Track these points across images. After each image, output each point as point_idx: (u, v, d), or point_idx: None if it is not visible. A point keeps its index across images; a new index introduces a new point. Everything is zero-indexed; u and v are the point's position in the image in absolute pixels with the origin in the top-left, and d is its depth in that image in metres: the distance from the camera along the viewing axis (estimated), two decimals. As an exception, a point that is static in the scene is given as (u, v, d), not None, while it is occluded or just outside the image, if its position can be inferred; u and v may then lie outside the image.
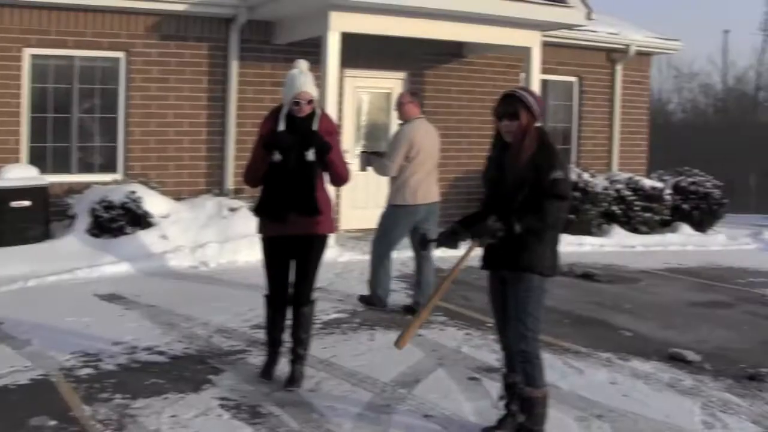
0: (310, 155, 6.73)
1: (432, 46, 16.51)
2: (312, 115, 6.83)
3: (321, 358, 7.63)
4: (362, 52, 15.77)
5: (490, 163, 5.72)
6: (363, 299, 9.83)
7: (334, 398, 6.56)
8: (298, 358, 6.96)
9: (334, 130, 7.03)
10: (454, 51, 17.02)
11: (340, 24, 13.73)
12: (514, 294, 5.60)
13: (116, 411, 6.23)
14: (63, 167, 13.93)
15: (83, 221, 12.50)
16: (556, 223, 5.47)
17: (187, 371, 7.25)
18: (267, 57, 15.31)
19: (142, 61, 14.38)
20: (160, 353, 7.77)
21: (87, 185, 13.51)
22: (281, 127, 6.79)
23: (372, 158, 10.00)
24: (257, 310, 9.32)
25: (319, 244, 6.97)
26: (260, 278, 7.20)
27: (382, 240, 9.79)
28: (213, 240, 12.67)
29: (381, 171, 9.77)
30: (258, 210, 7.00)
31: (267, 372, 7.06)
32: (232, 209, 13.42)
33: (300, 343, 6.96)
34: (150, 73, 14.43)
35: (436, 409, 6.35)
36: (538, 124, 5.55)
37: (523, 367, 5.59)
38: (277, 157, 6.72)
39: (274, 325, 7.07)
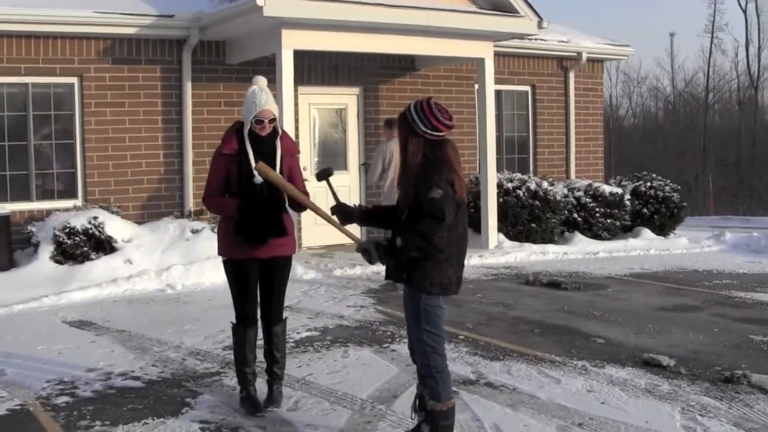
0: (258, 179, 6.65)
1: (385, 61, 16.62)
2: (275, 134, 6.73)
3: (297, 377, 7.61)
4: (315, 68, 15.81)
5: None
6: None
7: (314, 416, 6.53)
8: (275, 378, 6.91)
9: (295, 150, 6.97)
10: (407, 65, 17.13)
11: (292, 41, 13.74)
12: (407, 308, 5.60)
13: (97, 439, 6.17)
14: (22, 195, 13.81)
15: (46, 248, 12.39)
16: (444, 242, 5.36)
17: (164, 395, 7.18)
18: (220, 77, 15.31)
19: (95, 86, 14.31)
20: (136, 378, 7.69)
21: (48, 212, 13.46)
22: (248, 147, 6.63)
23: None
24: (227, 332, 9.28)
25: (287, 264, 6.92)
26: (227, 299, 7.13)
27: None
28: (178, 262, 12.60)
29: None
30: (239, 232, 6.69)
31: (255, 404, 6.79)
32: (195, 231, 13.35)
33: (276, 362, 6.89)
34: (104, 97, 14.36)
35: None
36: (431, 138, 5.49)
37: (425, 381, 5.55)
38: (258, 179, 6.55)
39: (246, 350, 6.86)
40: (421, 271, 5.41)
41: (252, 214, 6.53)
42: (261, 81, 6.78)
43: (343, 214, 5.86)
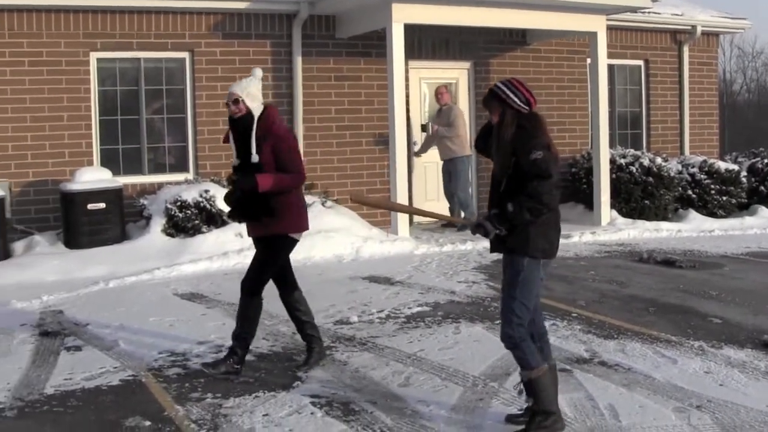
0: (254, 157, 6.86)
1: (495, 35, 16.43)
2: (249, 116, 6.89)
3: (408, 353, 7.56)
4: (426, 42, 15.71)
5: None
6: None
7: (425, 392, 6.46)
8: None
9: (277, 130, 6.97)
10: (518, 39, 16.89)
11: (402, 15, 13.66)
12: (505, 276, 5.69)
13: (209, 411, 6.20)
14: (135, 169, 14.00)
15: (158, 221, 12.54)
16: (553, 201, 5.51)
17: (275, 369, 7.21)
18: (330, 51, 15.28)
19: (206, 60, 14.42)
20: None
21: (159, 186, 13.61)
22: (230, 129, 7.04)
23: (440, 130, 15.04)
24: (339, 306, 9.40)
25: (276, 243, 7.05)
26: (337, 273, 7.13)
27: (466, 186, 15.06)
28: (288, 236, 12.62)
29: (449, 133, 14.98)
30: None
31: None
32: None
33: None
34: (215, 72, 14.45)
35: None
36: (525, 112, 5.62)
37: (513, 353, 5.63)
38: (235, 161, 6.97)
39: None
40: (524, 236, 5.52)
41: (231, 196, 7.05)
42: (254, 71, 7.12)
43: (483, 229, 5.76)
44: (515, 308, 5.54)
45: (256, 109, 6.90)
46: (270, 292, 7.19)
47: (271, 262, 7.10)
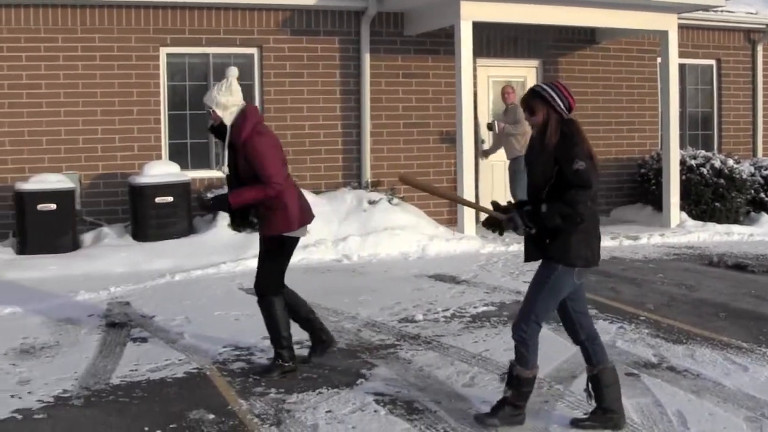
0: (225, 169, 6.99)
1: (564, 33, 16.31)
2: (223, 126, 6.87)
3: (473, 353, 7.50)
4: (494, 40, 15.63)
5: (526, 158, 5.89)
6: None
7: (490, 393, 6.38)
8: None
9: (244, 136, 6.81)
10: (587, 37, 16.73)
11: (471, 13, 13.60)
12: (535, 275, 5.71)
13: (272, 406, 6.20)
14: (202, 163, 14.10)
15: (225, 216, 12.58)
16: (587, 211, 5.47)
17: (339, 366, 7.19)
18: (398, 49, 15.25)
19: (275, 56, 14.48)
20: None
21: (226, 180, 13.64)
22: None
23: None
24: (404, 304, 9.36)
25: (272, 243, 7.03)
26: (403, 271, 7.08)
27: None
28: (354, 233, 12.67)
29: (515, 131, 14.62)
30: None
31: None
32: (372, 202, 13.39)
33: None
34: (283, 68, 14.51)
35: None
36: (566, 117, 5.62)
37: (517, 347, 5.69)
38: (225, 169, 6.99)
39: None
40: (565, 245, 5.52)
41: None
42: (228, 71, 7.02)
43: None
44: (536, 308, 5.61)
45: (228, 117, 6.81)
46: (325, 290, 7.17)
47: (270, 261, 7.07)
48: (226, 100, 6.81)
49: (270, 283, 7.04)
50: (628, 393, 6.33)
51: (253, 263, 11.44)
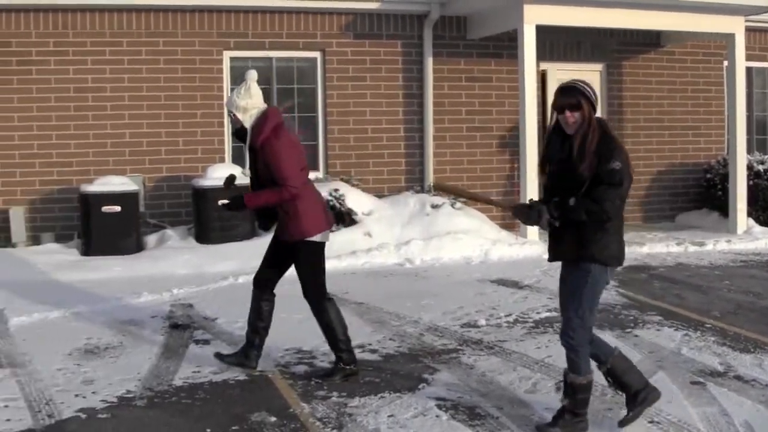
0: (246, 171, 7.11)
1: (629, 37, 16.18)
2: (243, 129, 6.94)
3: (536, 359, 7.44)
4: (557, 44, 15.54)
5: (550, 157, 5.74)
6: None
7: (552, 400, 6.31)
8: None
9: (261, 141, 6.84)
10: (651, 41, 16.56)
11: (534, 16, 13.52)
12: (571, 281, 5.68)
13: (334, 409, 6.19)
14: (265, 166, 14.12)
15: (287, 219, 12.62)
16: (614, 210, 5.47)
17: (401, 370, 7.16)
18: (461, 52, 15.24)
19: (337, 60, 14.53)
20: (373, 351, 7.73)
21: (289, 183, 13.68)
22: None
23: None
24: (466, 308, 9.32)
25: (294, 248, 7.07)
26: (466, 275, 7.03)
27: None
28: (417, 237, 12.64)
29: None
30: None
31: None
32: (435, 206, 13.34)
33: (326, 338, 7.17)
34: (346, 71, 14.55)
35: (661, 415, 5.98)
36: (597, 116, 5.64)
37: (567, 354, 5.69)
38: (246, 171, 7.09)
39: (253, 313, 7.29)
40: (598, 244, 5.51)
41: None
42: (248, 74, 7.12)
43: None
44: (580, 313, 5.59)
45: (248, 119, 6.87)
46: (388, 294, 7.13)
47: (305, 267, 7.09)
48: (245, 103, 6.88)
49: (317, 288, 7.11)
50: (693, 402, 6.26)
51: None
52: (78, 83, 13.32)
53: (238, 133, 7.01)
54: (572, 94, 5.53)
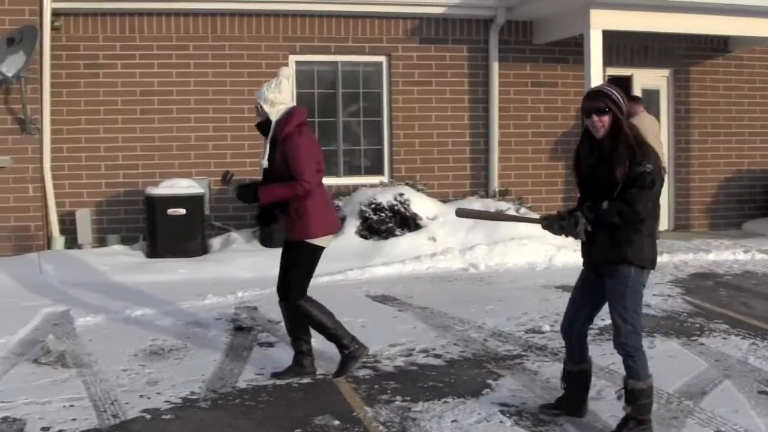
0: (264, 163, 7.02)
1: (696, 42, 15.99)
2: (268, 122, 7.05)
3: (601, 365, 7.34)
4: (624, 49, 15.41)
5: (581, 162, 5.80)
6: None
7: (617, 407, 6.21)
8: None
9: (285, 134, 6.94)
10: (719, 46, 16.35)
11: (600, 21, 13.39)
12: (611, 287, 5.69)
13: (397, 413, 6.18)
14: (330, 170, 14.13)
15: (352, 223, 12.66)
16: (646, 212, 5.51)
17: (465, 375, 7.13)
18: (527, 57, 15.16)
19: (403, 64, 14.52)
20: (437, 356, 7.70)
21: (354, 188, 13.78)
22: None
23: None
24: (531, 314, 9.26)
25: (291, 247, 7.04)
26: (530, 281, 6.99)
27: None
28: (481, 242, 12.58)
29: None
30: None
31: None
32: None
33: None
34: (411, 76, 14.54)
35: (728, 424, 5.90)
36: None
37: (624, 361, 5.72)
38: (264, 163, 7.08)
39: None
40: (633, 245, 5.55)
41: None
42: (281, 70, 7.19)
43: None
44: (627, 318, 5.61)
45: (275, 113, 6.98)
46: (452, 299, 7.10)
47: (294, 267, 7.07)
48: (274, 97, 6.98)
49: (295, 287, 7.08)
50: (760, 412, 6.16)
51: (379, 270, 11.61)
52: (144, 86, 13.47)
53: (262, 126, 7.13)
54: (600, 98, 5.58)
